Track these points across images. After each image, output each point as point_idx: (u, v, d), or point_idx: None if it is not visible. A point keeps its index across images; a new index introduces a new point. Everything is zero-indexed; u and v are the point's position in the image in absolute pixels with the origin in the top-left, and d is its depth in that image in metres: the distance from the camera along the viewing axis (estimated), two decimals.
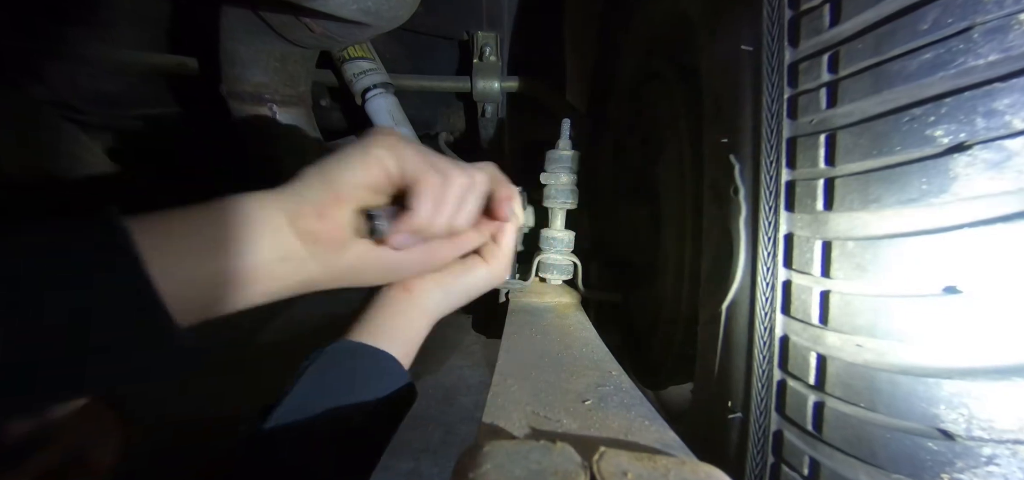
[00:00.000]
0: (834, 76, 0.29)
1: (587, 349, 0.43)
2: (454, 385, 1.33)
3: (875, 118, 0.27)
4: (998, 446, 0.25)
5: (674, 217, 0.56)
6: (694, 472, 0.20)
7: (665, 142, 0.59)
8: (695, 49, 0.44)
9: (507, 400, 0.30)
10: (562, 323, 0.51)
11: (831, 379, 0.29)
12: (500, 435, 0.26)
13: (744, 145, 0.34)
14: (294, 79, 0.70)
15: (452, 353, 1.47)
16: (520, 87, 0.85)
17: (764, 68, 0.32)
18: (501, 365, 0.37)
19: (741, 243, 0.35)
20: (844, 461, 0.29)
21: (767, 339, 0.33)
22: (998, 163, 0.24)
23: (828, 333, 0.29)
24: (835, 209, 0.29)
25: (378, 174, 0.31)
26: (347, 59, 0.79)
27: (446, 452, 1.10)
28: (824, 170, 0.29)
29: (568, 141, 0.60)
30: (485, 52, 0.82)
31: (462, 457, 0.21)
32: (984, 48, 0.24)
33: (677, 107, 0.55)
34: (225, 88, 0.68)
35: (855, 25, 0.28)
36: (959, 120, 0.24)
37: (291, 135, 0.72)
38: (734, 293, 0.35)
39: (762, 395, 0.33)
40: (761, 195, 0.33)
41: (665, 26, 0.63)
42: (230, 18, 0.63)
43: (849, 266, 0.28)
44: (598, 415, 0.29)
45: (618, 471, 0.20)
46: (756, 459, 0.34)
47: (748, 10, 0.34)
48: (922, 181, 0.25)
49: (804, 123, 0.30)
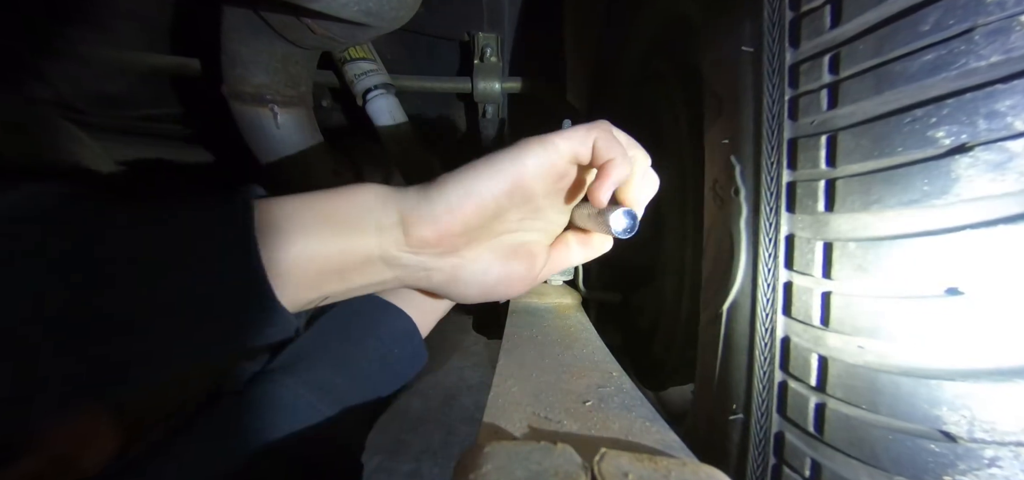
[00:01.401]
0: (835, 77, 0.29)
1: (588, 350, 0.43)
2: (455, 386, 1.33)
3: (876, 119, 0.27)
4: (1000, 448, 0.25)
5: (675, 218, 0.56)
6: (695, 473, 0.20)
7: (665, 142, 0.59)
8: (696, 49, 0.44)
9: (508, 401, 0.30)
10: (563, 324, 0.51)
11: (832, 380, 0.29)
12: (501, 436, 0.26)
13: (745, 146, 0.34)
14: (295, 80, 0.70)
15: (453, 353, 1.47)
16: (521, 88, 0.85)
17: (765, 69, 0.32)
18: (502, 366, 0.37)
19: (742, 244, 0.35)
20: (846, 463, 0.29)
21: (768, 340, 0.33)
22: (1000, 164, 0.24)
23: (829, 334, 0.29)
24: (836, 210, 0.29)
25: (562, 165, 0.29)
26: (348, 60, 0.79)
27: (447, 453, 1.10)
28: (825, 171, 0.29)
29: None
30: (486, 53, 0.82)
31: (463, 458, 0.21)
32: (986, 49, 0.24)
33: (677, 107, 0.55)
34: (226, 89, 0.68)
35: (856, 26, 0.28)
36: (961, 121, 0.24)
37: (292, 136, 0.72)
38: (735, 294, 0.35)
39: (763, 396, 0.33)
40: (762, 196, 0.33)
41: (666, 26, 0.63)
42: (231, 19, 0.63)
43: (850, 267, 0.28)
44: (599, 416, 0.29)
45: (619, 472, 0.20)
46: (757, 460, 0.34)
47: (749, 11, 0.34)
48: (923, 182, 0.25)
49: (805, 124, 0.30)
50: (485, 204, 0.28)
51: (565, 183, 0.31)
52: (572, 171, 0.31)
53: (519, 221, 0.32)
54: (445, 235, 0.29)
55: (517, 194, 0.29)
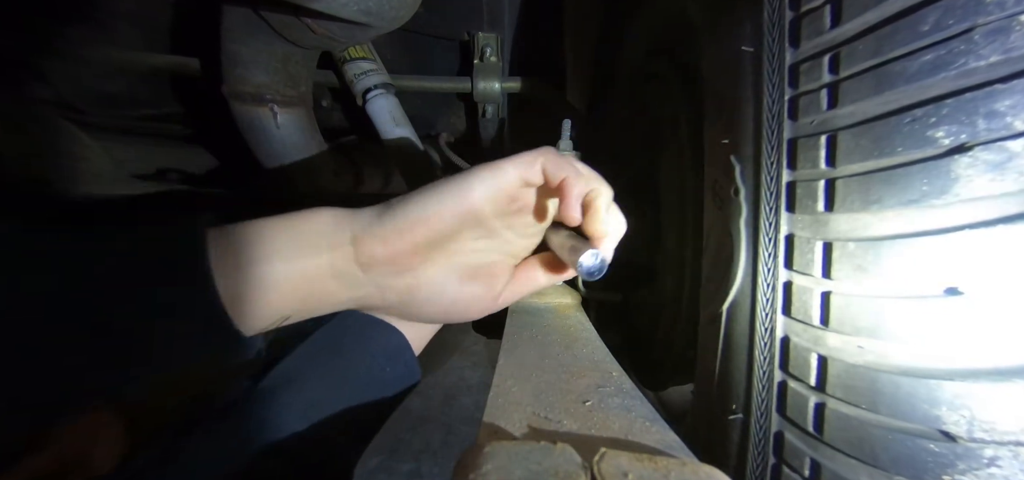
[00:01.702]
0: (835, 77, 0.29)
1: (588, 350, 0.43)
2: (455, 385, 1.33)
3: (876, 119, 0.27)
4: (1000, 448, 0.25)
5: (674, 217, 0.56)
6: (695, 473, 0.20)
7: (665, 142, 0.59)
8: (696, 49, 0.44)
9: (508, 401, 0.30)
10: (563, 324, 0.51)
11: (832, 380, 0.29)
12: (501, 435, 0.26)
13: (745, 146, 0.34)
14: (295, 80, 0.70)
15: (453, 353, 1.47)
16: (521, 88, 0.85)
17: (765, 69, 0.32)
18: (502, 366, 0.37)
19: (742, 244, 0.35)
20: (845, 462, 0.29)
21: (768, 340, 0.33)
22: (999, 164, 0.24)
23: (829, 334, 0.29)
24: (836, 210, 0.29)
25: (515, 188, 0.30)
26: (348, 60, 0.79)
27: (447, 453, 1.10)
28: (825, 171, 0.29)
29: (568, 141, 0.60)
30: (486, 53, 0.82)
31: (463, 457, 0.21)
32: (985, 49, 0.24)
33: (677, 107, 0.55)
34: (226, 89, 0.68)
35: (856, 26, 0.28)
36: (960, 121, 0.24)
37: (292, 136, 0.72)
38: (735, 294, 0.35)
39: (763, 396, 0.33)
40: (762, 196, 0.33)
41: (666, 26, 0.63)
42: (231, 18, 0.63)
43: (850, 267, 0.28)
44: (599, 416, 0.29)
45: (619, 472, 0.20)
46: (757, 460, 0.34)
47: (749, 11, 0.34)
48: (923, 182, 0.25)
49: (805, 124, 0.30)
50: (433, 226, 0.30)
51: (519, 206, 0.32)
52: (526, 194, 0.31)
53: (474, 242, 0.32)
54: (396, 254, 0.30)
55: (468, 218, 0.30)
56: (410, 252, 0.30)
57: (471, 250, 0.33)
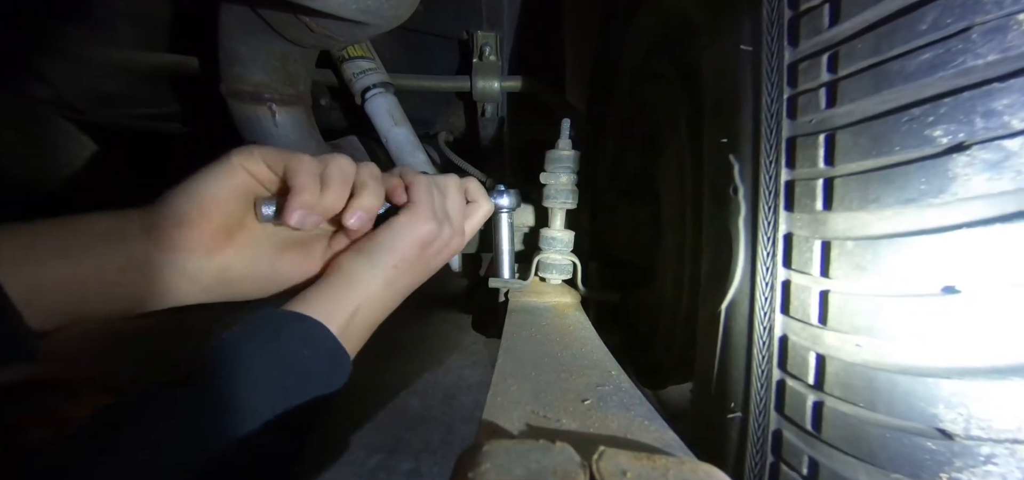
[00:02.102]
0: (833, 76, 0.29)
1: (587, 349, 0.43)
2: (454, 384, 1.34)
3: (874, 118, 0.27)
4: (996, 445, 0.25)
5: (674, 217, 0.56)
6: (694, 471, 0.21)
7: (665, 142, 0.59)
8: (695, 49, 0.44)
9: (507, 399, 0.30)
10: (562, 323, 0.51)
11: (830, 379, 0.29)
12: (500, 434, 0.26)
13: (744, 145, 0.35)
14: (294, 78, 0.70)
15: (452, 352, 1.48)
16: (520, 87, 0.85)
17: (764, 68, 0.32)
18: (501, 365, 0.37)
19: (740, 243, 0.35)
20: (843, 460, 0.29)
21: (766, 339, 0.33)
22: (997, 163, 0.24)
23: (827, 333, 0.29)
24: (834, 209, 0.29)
25: (243, 178, 0.34)
26: (347, 58, 0.79)
27: (446, 452, 1.10)
28: (823, 170, 0.29)
29: (568, 141, 0.60)
30: (485, 52, 0.82)
31: (462, 456, 0.21)
32: (983, 48, 0.24)
33: (677, 107, 0.55)
34: (225, 87, 0.67)
35: (854, 25, 0.28)
36: (958, 120, 0.24)
37: (290, 134, 0.72)
38: (733, 293, 0.35)
39: (761, 395, 0.34)
40: (760, 195, 0.33)
41: (665, 26, 0.63)
42: (229, 17, 0.63)
43: (848, 266, 0.28)
44: (598, 415, 0.29)
45: (617, 470, 0.20)
46: (755, 458, 0.34)
47: (748, 10, 0.34)
48: (921, 181, 0.25)
49: (804, 123, 0.30)
50: (213, 205, 0.33)
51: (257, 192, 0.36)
52: (260, 182, 0.36)
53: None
54: (198, 235, 0.32)
55: (231, 200, 0.34)
56: (208, 229, 0.33)
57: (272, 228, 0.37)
